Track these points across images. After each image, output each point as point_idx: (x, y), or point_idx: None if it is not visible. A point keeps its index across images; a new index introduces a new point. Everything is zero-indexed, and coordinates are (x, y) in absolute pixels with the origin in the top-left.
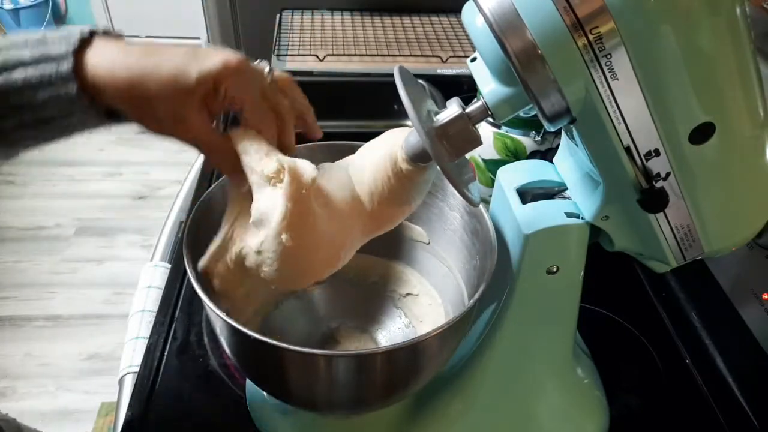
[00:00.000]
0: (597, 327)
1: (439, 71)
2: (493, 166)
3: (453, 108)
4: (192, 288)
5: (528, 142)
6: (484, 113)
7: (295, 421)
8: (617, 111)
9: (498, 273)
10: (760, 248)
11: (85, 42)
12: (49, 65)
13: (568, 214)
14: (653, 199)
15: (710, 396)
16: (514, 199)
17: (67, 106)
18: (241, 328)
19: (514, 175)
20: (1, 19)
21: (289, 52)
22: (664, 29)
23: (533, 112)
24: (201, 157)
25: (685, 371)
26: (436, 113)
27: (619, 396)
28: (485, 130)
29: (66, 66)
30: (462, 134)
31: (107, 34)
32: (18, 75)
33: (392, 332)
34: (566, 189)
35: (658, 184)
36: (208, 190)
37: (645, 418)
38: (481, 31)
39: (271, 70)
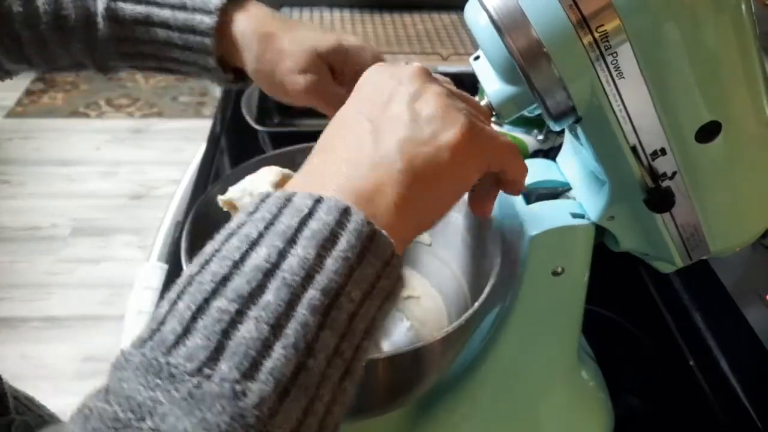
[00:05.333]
0: (599, 328)
1: (440, 69)
2: None
3: None
4: None
5: (530, 140)
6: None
7: None
8: (623, 110)
9: (502, 275)
10: (765, 248)
11: (222, 12)
12: (192, 37)
13: (574, 215)
14: (659, 199)
15: (714, 397)
16: (518, 200)
17: (201, 71)
18: None
19: None
20: None
21: None
22: (669, 27)
23: (538, 111)
24: (198, 156)
25: (689, 373)
26: None
27: (622, 397)
28: None
29: (208, 41)
30: None
31: None
32: (161, 33)
33: (394, 336)
34: (570, 189)
35: (665, 184)
36: (207, 191)
37: (648, 420)
38: (485, 30)
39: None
